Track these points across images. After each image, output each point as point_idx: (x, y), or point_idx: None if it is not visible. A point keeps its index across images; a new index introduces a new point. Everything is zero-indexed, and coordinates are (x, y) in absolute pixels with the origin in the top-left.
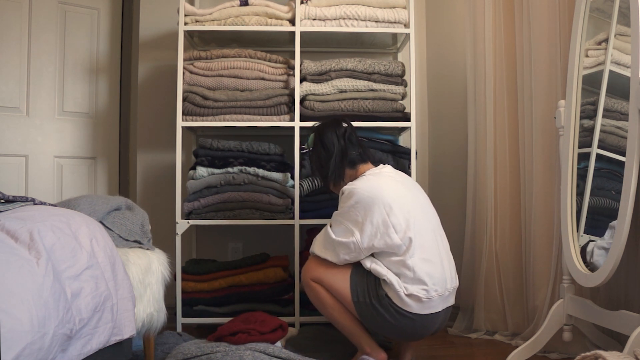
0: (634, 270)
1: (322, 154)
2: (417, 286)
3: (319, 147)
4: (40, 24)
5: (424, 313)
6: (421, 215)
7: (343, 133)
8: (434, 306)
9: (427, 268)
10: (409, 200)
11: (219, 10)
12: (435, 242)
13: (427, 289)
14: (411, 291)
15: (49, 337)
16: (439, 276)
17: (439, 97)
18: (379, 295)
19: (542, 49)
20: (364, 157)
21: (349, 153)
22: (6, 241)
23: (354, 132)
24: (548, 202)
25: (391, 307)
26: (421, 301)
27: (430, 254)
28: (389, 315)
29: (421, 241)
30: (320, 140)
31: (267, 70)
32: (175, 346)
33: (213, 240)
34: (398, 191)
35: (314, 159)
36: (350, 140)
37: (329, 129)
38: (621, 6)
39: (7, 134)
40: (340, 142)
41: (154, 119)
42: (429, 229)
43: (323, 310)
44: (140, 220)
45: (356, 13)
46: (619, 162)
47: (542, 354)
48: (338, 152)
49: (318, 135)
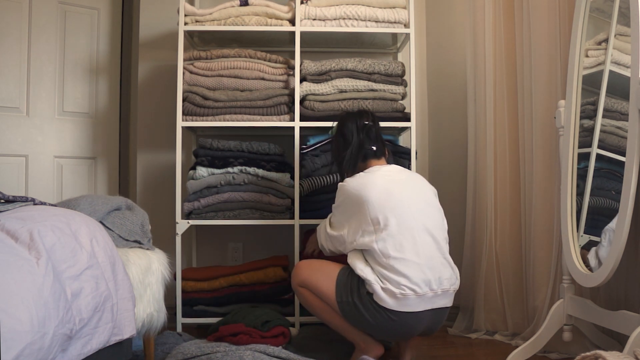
0: (634, 270)
1: (340, 142)
2: (393, 283)
3: (339, 136)
4: (40, 24)
5: (401, 311)
6: (408, 215)
7: (363, 126)
8: (411, 305)
9: (401, 267)
10: (395, 199)
11: (219, 10)
12: (415, 243)
13: (403, 286)
14: (387, 286)
15: (49, 337)
16: (416, 276)
17: (439, 97)
18: (361, 294)
19: (542, 49)
20: (379, 154)
21: (365, 146)
22: (6, 241)
23: (374, 127)
24: (548, 202)
25: (371, 304)
26: (396, 297)
27: (408, 254)
28: (369, 314)
29: (399, 240)
30: (341, 130)
31: (267, 70)
32: (175, 346)
33: (213, 240)
34: (386, 190)
35: (333, 147)
36: (369, 134)
37: (350, 120)
38: (621, 6)
39: (7, 134)
40: (359, 134)
41: (154, 119)
42: (415, 229)
43: (314, 312)
44: (140, 220)
45: (356, 13)
46: (619, 162)
47: (542, 354)
48: (355, 143)
49: (340, 124)
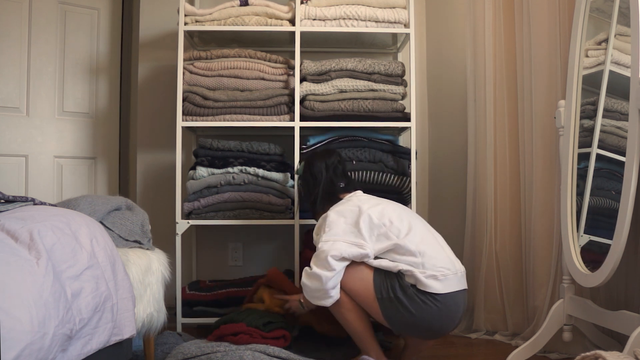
0: (634, 270)
1: (310, 182)
2: (430, 268)
3: (309, 176)
4: (40, 24)
5: (446, 292)
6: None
7: (331, 164)
8: (452, 285)
9: (430, 252)
10: (389, 206)
11: (219, 10)
12: (426, 234)
13: (440, 268)
14: (427, 272)
15: (49, 337)
16: (443, 259)
17: (439, 97)
18: (403, 286)
19: (542, 49)
20: (349, 188)
21: (335, 183)
22: (6, 241)
23: (340, 164)
24: (548, 202)
25: (416, 295)
26: (438, 279)
27: (427, 241)
28: (414, 306)
29: (414, 233)
30: (310, 170)
31: (267, 70)
32: (175, 346)
33: (213, 240)
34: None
35: (303, 186)
36: (335, 172)
37: (318, 159)
38: (621, 6)
39: (7, 134)
40: (328, 171)
41: (154, 119)
42: (419, 224)
43: (337, 312)
44: (140, 221)
45: (356, 13)
46: (619, 162)
47: (542, 354)
48: (326, 180)
49: (308, 164)
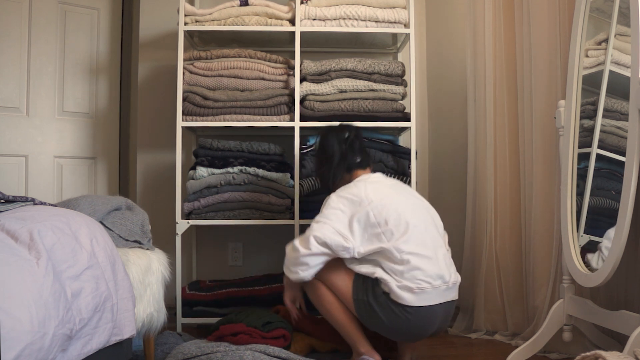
0: (634, 270)
1: (322, 156)
2: (408, 279)
3: (320, 151)
4: (40, 24)
5: (419, 306)
6: (413, 212)
7: (345, 139)
8: (428, 298)
9: (416, 261)
10: (394, 200)
11: (219, 10)
12: (424, 238)
13: (418, 280)
14: (403, 283)
15: (49, 337)
16: (431, 269)
17: (439, 97)
18: (377, 294)
19: (542, 49)
20: (364, 164)
21: (349, 159)
22: (6, 241)
23: (357, 139)
24: (548, 202)
25: (387, 304)
26: (413, 292)
27: (420, 249)
28: (384, 313)
29: (410, 235)
30: (322, 144)
31: (267, 70)
32: (175, 346)
33: (213, 240)
34: (383, 192)
35: (315, 161)
36: (352, 146)
37: (331, 133)
38: (621, 6)
39: (7, 134)
40: (341, 147)
41: (154, 119)
42: (422, 224)
43: (320, 306)
44: (140, 221)
45: (356, 13)
46: (619, 162)
47: (542, 354)
48: (338, 156)
49: (321, 139)
